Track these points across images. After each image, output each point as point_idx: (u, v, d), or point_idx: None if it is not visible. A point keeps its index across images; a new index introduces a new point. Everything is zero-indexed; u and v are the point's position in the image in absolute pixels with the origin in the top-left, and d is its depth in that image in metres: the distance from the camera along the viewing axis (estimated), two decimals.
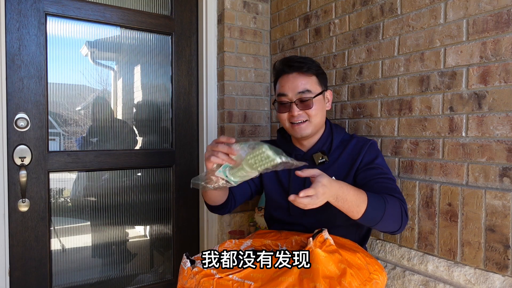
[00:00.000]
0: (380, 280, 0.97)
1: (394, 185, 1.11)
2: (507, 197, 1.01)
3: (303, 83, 1.18)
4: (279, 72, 1.24)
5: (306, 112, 1.18)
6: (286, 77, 1.21)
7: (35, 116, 1.61)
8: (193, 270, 0.91)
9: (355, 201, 0.94)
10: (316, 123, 1.20)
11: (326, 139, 1.25)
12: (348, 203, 0.94)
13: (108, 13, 1.78)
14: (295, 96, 1.18)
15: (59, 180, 1.71)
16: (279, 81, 1.24)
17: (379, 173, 1.12)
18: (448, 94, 1.17)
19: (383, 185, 1.08)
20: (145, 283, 1.96)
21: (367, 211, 0.95)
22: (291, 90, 1.18)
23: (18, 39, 1.57)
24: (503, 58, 1.03)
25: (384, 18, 1.38)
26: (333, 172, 1.20)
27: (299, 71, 1.19)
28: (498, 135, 1.04)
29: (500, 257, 1.02)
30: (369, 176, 1.12)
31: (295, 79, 1.19)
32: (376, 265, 1.01)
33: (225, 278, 0.89)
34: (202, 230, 2.03)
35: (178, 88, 1.99)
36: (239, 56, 1.96)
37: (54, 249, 1.70)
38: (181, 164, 1.99)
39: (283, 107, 1.21)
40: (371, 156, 1.17)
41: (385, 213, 0.98)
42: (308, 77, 1.19)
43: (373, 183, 1.10)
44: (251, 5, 1.99)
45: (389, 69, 1.36)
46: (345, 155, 1.21)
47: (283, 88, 1.20)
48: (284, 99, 1.20)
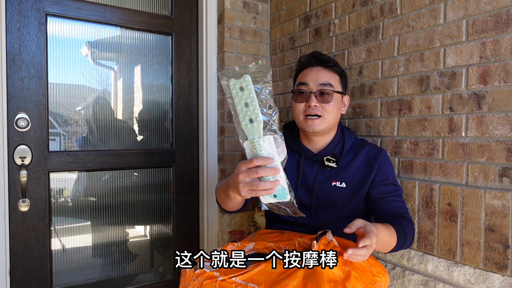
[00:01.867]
0: (383, 283, 0.97)
1: (403, 202, 1.19)
2: (507, 197, 1.01)
3: (327, 76, 1.18)
4: (305, 65, 1.23)
5: (323, 106, 1.16)
6: (310, 69, 1.20)
7: (36, 116, 1.61)
8: (196, 272, 0.90)
9: (388, 241, 1.02)
10: (330, 121, 1.17)
11: (338, 142, 1.23)
12: (385, 244, 1.01)
13: (108, 13, 1.78)
14: (316, 87, 1.16)
15: (59, 180, 1.72)
16: (302, 72, 1.23)
17: (393, 190, 1.18)
18: (448, 94, 1.17)
19: (398, 204, 1.16)
20: (145, 283, 1.96)
21: (396, 246, 1.06)
22: (313, 80, 1.17)
23: (18, 39, 1.58)
24: (503, 58, 1.03)
25: (384, 18, 1.38)
26: (343, 178, 1.19)
27: (325, 65, 1.20)
28: (498, 135, 1.04)
29: (500, 257, 1.02)
30: (385, 193, 1.17)
31: (319, 71, 1.19)
32: (379, 267, 1.01)
33: (228, 280, 0.87)
34: (202, 230, 2.03)
35: (178, 88, 1.99)
36: (239, 56, 1.96)
37: (55, 249, 1.71)
38: (181, 164, 1.99)
39: (301, 97, 1.18)
40: (386, 172, 1.19)
41: (406, 243, 1.09)
42: (332, 73, 1.20)
43: (388, 200, 1.16)
44: (251, 5, 1.99)
45: (389, 69, 1.36)
46: (357, 163, 1.19)
47: (305, 77, 1.19)
48: (304, 88, 1.18)
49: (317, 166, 1.21)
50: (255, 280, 0.88)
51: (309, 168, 1.22)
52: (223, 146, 1.95)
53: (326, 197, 1.20)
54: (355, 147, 1.23)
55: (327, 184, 1.19)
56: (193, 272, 0.90)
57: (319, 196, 1.20)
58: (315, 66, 1.20)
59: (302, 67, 1.24)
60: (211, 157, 1.99)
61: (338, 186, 1.18)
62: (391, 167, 1.22)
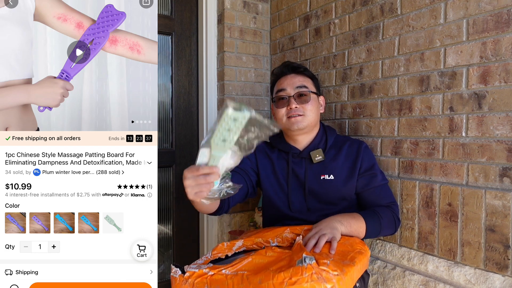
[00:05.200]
0: (364, 250, 1.03)
1: (388, 190, 1.27)
2: (507, 197, 1.01)
3: (300, 80, 1.30)
4: (278, 75, 1.35)
5: (303, 106, 1.26)
6: (284, 77, 1.32)
7: None
8: (185, 276, 0.91)
9: (356, 223, 1.13)
10: (311, 119, 1.26)
11: (321, 138, 1.31)
12: (353, 225, 1.12)
13: None
14: (293, 90, 1.27)
15: None
16: (278, 82, 1.34)
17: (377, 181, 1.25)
18: (448, 94, 1.17)
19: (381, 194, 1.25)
20: None
21: (367, 230, 1.14)
22: (290, 85, 1.28)
23: None
24: (503, 58, 1.03)
25: (384, 18, 1.38)
26: (331, 171, 1.26)
27: (297, 71, 1.33)
28: (498, 135, 1.04)
29: (500, 257, 1.02)
30: (370, 184, 1.25)
31: (293, 77, 1.31)
32: (359, 243, 1.07)
33: (218, 273, 0.89)
34: (202, 230, 2.03)
35: (178, 88, 1.99)
36: (239, 56, 1.96)
37: None
38: (181, 164, 1.99)
39: (281, 102, 1.28)
40: (370, 162, 1.27)
41: (381, 226, 1.18)
42: (305, 77, 1.32)
43: (372, 191, 1.25)
44: (251, 5, 1.99)
45: (389, 69, 1.36)
46: (342, 156, 1.27)
47: (282, 84, 1.30)
48: (283, 93, 1.28)
49: (305, 162, 1.28)
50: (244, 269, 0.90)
51: (297, 165, 1.29)
52: None
53: (318, 191, 1.26)
54: (338, 143, 1.31)
55: (317, 179, 1.26)
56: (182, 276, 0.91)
57: (311, 191, 1.26)
58: (288, 74, 1.32)
59: (276, 78, 1.35)
60: None
61: (327, 179, 1.25)
62: (373, 157, 1.30)
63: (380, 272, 1.37)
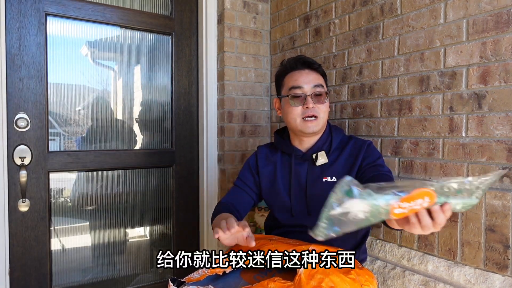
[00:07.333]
0: None
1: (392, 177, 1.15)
2: (507, 197, 1.01)
3: (316, 78, 1.21)
4: (291, 68, 1.24)
5: (318, 107, 1.19)
6: (299, 72, 1.22)
7: (35, 116, 1.61)
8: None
9: None
10: (324, 120, 1.22)
11: (326, 139, 1.25)
12: None
13: (108, 13, 1.78)
14: (310, 89, 1.19)
15: (59, 180, 1.71)
16: (290, 76, 1.23)
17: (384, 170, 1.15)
18: (448, 94, 1.17)
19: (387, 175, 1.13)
20: (145, 283, 1.96)
21: None
22: (307, 83, 1.19)
23: (18, 39, 1.57)
24: (503, 58, 1.03)
25: (384, 18, 1.38)
26: (333, 173, 1.20)
27: (312, 67, 1.23)
28: (498, 135, 1.04)
29: (500, 257, 1.02)
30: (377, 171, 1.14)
31: (308, 74, 1.21)
32: (366, 275, 1.00)
33: None
34: (202, 230, 2.03)
35: (178, 88, 1.99)
36: (239, 56, 1.96)
37: (54, 249, 1.70)
38: (181, 164, 1.99)
39: (297, 100, 1.19)
40: (374, 157, 1.19)
41: None
42: (319, 75, 1.24)
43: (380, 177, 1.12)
44: (251, 5, 1.99)
45: (389, 69, 1.36)
46: (343, 157, 1.21)
47: (297, 81, 1.20)
48: (299, 91, 1.19)
49: (307, 164, 1.24)
50: None
51: (300, 167, 1.25)
52: (223, 146, 1.95)
53: (319, 194, 1.20)
54: (342, 144, 1.25)
55: (319, 181, 1.21)
56: None
57: (312, 194, 1.21)
58: (302, 69, 1.22)
59: (287, 71, 1.25)
60: (211, 157, 1.99)
61: (329, 181, 1.19)
62: (378, 153, 1.21)
63: (380, 272, 1.37)
